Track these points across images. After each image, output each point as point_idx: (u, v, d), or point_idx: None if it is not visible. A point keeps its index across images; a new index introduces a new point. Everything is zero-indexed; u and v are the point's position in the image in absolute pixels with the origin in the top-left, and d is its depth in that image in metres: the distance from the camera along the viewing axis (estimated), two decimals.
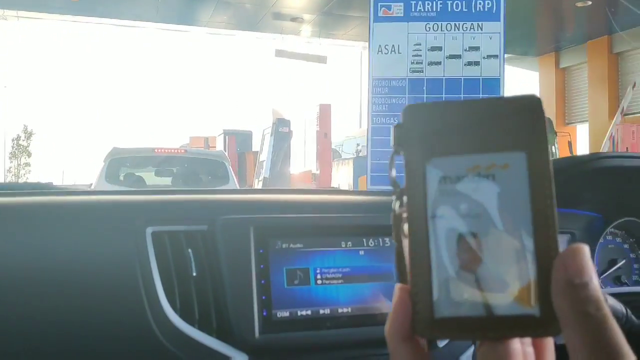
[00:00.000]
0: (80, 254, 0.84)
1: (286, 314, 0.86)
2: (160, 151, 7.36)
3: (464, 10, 5.45)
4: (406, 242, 0.38)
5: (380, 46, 5.55)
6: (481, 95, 5.45)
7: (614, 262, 1.21)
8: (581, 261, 0.34)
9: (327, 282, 0.89)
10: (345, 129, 17.38)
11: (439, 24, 5.49)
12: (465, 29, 5.47)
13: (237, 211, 0.92)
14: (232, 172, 7.53)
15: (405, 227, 0.39)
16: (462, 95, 5.46)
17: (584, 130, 14.66)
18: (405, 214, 0.39)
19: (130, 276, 0.83)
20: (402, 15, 5.49)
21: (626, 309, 0.76)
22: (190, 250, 0.87)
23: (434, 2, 5.48)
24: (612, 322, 0.32)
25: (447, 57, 5.50)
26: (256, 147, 14.04)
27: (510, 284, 0.35)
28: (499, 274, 0.35)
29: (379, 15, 5.53)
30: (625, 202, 1.17)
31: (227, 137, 13.94)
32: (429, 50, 5.51)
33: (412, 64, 5.52)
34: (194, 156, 7.73)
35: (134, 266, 0.84)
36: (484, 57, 5.46)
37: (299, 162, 12.90)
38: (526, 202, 0.36)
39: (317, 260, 0.90)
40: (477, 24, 5.45)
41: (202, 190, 1.42)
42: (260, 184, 10.23)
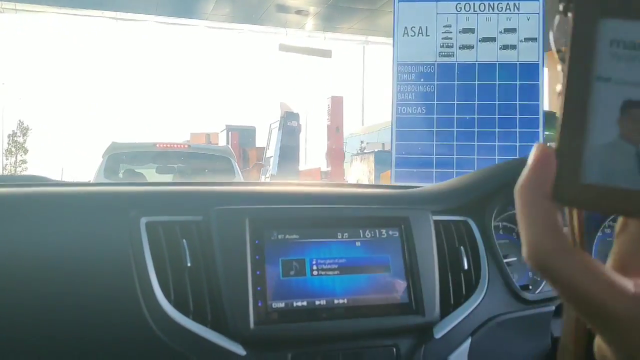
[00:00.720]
0: (73, 244, 0.84)
1: (282, 305, 0.84)
2: (162, 146, 6.74)
3: None
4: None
5: (406, 28, 4.93)
6: (518, 82, 4.83)
7: None
8: None
9: (323, 273, 0.88)
10: (348, 126, 16.70)
11: (471, 3, 4.87)
12: (500, 9, 4.85)
13: (232, 202, 0.91)
14: (237, 168, 6.92)
15: (558, 87, 0.34)
16: (497, 82, 4.83)
17: None
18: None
19: (124, 266, 0.82)
20: None
21: None
22: (184, 240, 0.85)
23: None
24: None
25: (480, 40, 4.88)
26: (260, 144, 13.39)
27: None
28: None
29: None
30: None
31: (230, 133, 13.29)
32: (460, 32, 4.89)
33: (442, 47, 4.90)
34: (197, 151, 7.10)
35: (128, 256, 0.83)
36: (521, 40, 4.84)
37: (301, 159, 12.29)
38: None
39: (313, 251, 0.89)
40: (514, 4, 4.83)
41: (197, 182, 1.34)
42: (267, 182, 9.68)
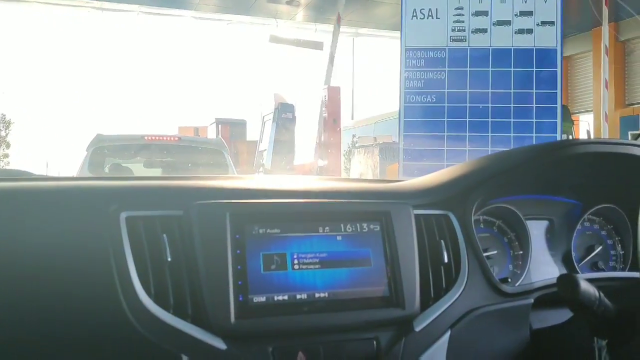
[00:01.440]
0: (52, 240, 0.83)
1: (262, 299, 0.83)
2: (150, 139, 6.26)
3: None
4: None
5: (415, 10, 4.52)
6: (534, 69, 4.45)
7: (591, 248, 1.18)
8: None
9: (304, 267, 0.87)
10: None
11: None
12: None
13: (213, 196, 0.89)
14: (231, 162, 6.46)
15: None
16: (513, 68, 4.45)
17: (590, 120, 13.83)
18: None
19: (103, 262, 0.81)
20: None
21: (599, 293, 0.75)
22: (165, 235, 0.84)
23: None
24: None
25: (494, 24, 4.50)
26: (251, 137, 12.91)
27: None
28: None
29: None
30: (603, 188, 1.13)
31: (219, 127, 12.83)
32: (472, 15, 4.50)
33: (453, 31, 4.51)
34: (188, 144, 6.62)
35: (107, 251, 0.82)
36: (537, 24, 4.46)
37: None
38: None
39: (294, 245, 0.88)
40: None
41: (177, 176, 1.26)
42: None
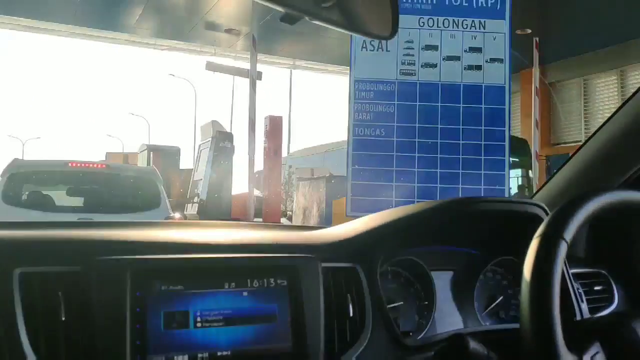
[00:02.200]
0: None
1: (162, 358, 0.80)
2: (75, 165, 5.72)
3: (464, 4, 4.39)
4: None
5: (364, 42, 4.36)
6: (483, 105, 4.37)
7: (493, 298, 1.21)
8: None
9: (207, 324, 0.84)
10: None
11: (435, 18, 4.39)
12: (465, 27, 4.40)
13: (115, 251, 0.85)
14: (164, 193, 5.99)
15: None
16: (462, 104, 4.35)
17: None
18: None
19: None
20: None
21: (488, 350, 0.78)
22: (60, 293, 0.80)
23: None
24: None
25: (444, 59, 4.40)
26: (184, 165, 12.39)
27: None
28: None
29: None
30: (503, 241, 1.17)
31: (151, 154, 12.18)
32: (422, 49, 4.39)
33: (403, 64, 4.37)
34: (117, 172, 6.09)
35: None
36: (486, 60, 4.40)
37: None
38: None
39: (197, 302, 0.85)
40: (479, 22, 4.40)
41: (80, 224, 1.21)
42: (194, 208, 8.67)
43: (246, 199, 7.06)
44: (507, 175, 4.36)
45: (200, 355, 0.83)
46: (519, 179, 9.69)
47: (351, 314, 0.95)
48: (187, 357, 0.82)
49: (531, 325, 0.71)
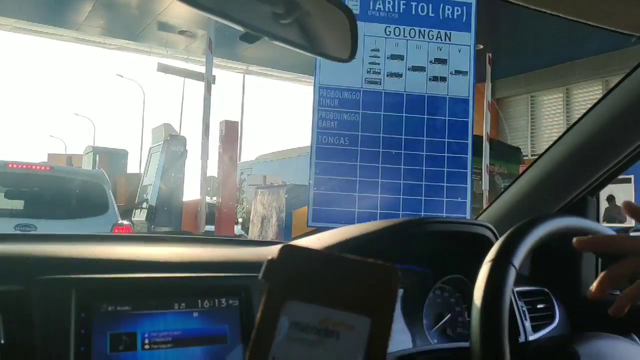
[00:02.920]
0: None
1: None
2: (15, 166, 5.32)
3: (431, 15, 4.33)
4: None
5: None
6: (447, 117, 4.32)
7: (441, 315, 1.24)
8: None
9: (156, 346, 0.82)
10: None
11: (401, 28, 4.32)
12: (431, 37, 4.34)
13: (59, 270, 0.82)
14: (112, 198, 5.67)
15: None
16: (426, 115, 4.28)
17: None
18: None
19: None
20: (357, 12, 4.22)
21: None
22: (0, 314, 0.75)
23: (396, 1, 4.29)
24: None
25: (409, 69, 4.33)
26: (133, 169, 11.91)
27: None
28: None
29: None
30: (452, 260, 1.20)
31: (97, 156, 11.62)
32: (388, 58, 4.31)
33: (369, 73, 4.27)
34: (62, 175, 5.71)
35: None
36: (451, 73, 4.36)
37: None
38: None
39: (145, 323, 0.82)
40: (445, 33, 4.35)
41: (23, 236, 1.12)
42: (143, 214, 8.28)
43: (196, 206, 6.78)
44: (470, 187, 4.32)
45: None
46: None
47: None
48: None
49: (481, 347, 0.73)
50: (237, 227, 8.73)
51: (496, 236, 1.14)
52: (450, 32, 4.36)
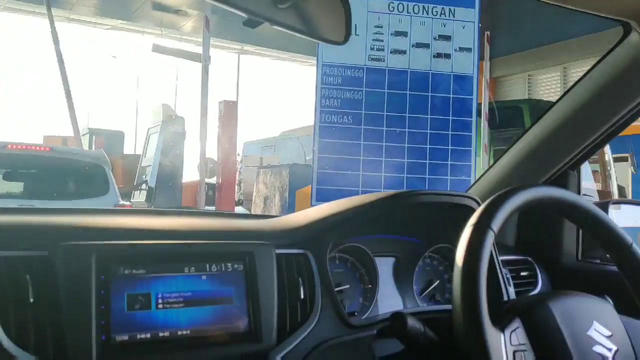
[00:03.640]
0: None
1: (125, 337, 0.86)
2: (14, 147, 5.26)
3: None
4: None
5: None
6: (451, 95, 4.28)
7: (430, 282, 1.31)
8: None
9: (169, 306, 0.90)
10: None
11: (405, 4, 4.27)
12: (435, 14, 4.30)
13: (79, 237, 0.90)
14: (113, 179, 5.62)
15: None
16: (430, 93, 4.25)
17: None
18: None
19: None
20: None
21: (424, 327, 0.86)
22: (28, 276, 0.84)
23: None
24: None
25: (413, 46, 4.29)
26: (128, 150, 11.81)
27: None
28: None
29: None
30: (441, 230, 1.26)
31: (94, 138, 11.51)
32: (392, 35, 4.25)
33: (372, 50, 4.23)
34: (62, 156, 5.65)
35: None
36: (455, 50, 4.32)
37: None
38: None
39: (159, 285, 0.90)
40: (449, 9, 4.31)
41: (44, 210, 1.17)
42: (142, 196, 8.23)
43: (196, 187, 6.72)
44: (474, 165, 4.30)
45: (161, 334, 0.88)
46: None
47: (302, 296, 1.03)
48: (149, 335, 0.87)
49: (461, 303, 0.78)
50: (239, 208, 8.67)
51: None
52: (454, 8, 4.31)
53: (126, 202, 5.88)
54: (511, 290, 1.23)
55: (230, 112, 7.16)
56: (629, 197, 7.01)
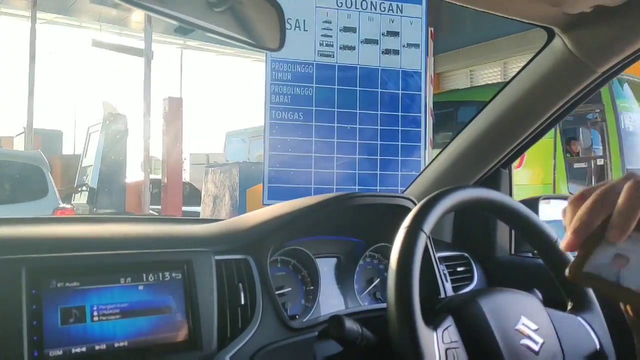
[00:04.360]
0: None
1: (59, 352, 0.84)
2: None
3: None
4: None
5: None
6: (400, 91, 4.29)
7: (371, 280, 1.34)
8: None
9: (104, 318, 0.88)
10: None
11: None
12: (382, 9, 4.30)
13: (8, 250, 0.87)
14: (52, 181, 5.35)
15: None
16: (380, 89, 4.25)
17: None
18: None
19: None
20: None
21: (361, 328, 0.88)
22: None
23: None
24: None
25: (362, 42, 4.29)
26: (67, 150, 11.33)
27: None
28: None
29: None
30: (380, 230, 1.29)
31: (31, 138, 10.93)
32: (341, 30, 4.23)
33: (321, 45, 4.19)
34: None
35: None
36: (404, 46, 4.33)
37: None
38: None
39: (94, 297, 0.89)
40: (397, 5, 4.32)
41: None
42: (84, 197, 7.88)
43: (140, 187, 6.48)
44: (424, 160, 4.32)
45: (97, 347, 0.87)
46: None
47: (243, 302, 1.02)
48: (85, 349, 0.86)
49: (394, 304, 0.81)
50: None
51: None
52: (401, 5, 4.33)
53: (67, 205, 5.63)
54: (448, 286, 1.27)
55: (175, 109, 6.95)
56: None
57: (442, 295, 1.20)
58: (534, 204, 1.46)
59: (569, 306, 0.99)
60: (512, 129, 1.38)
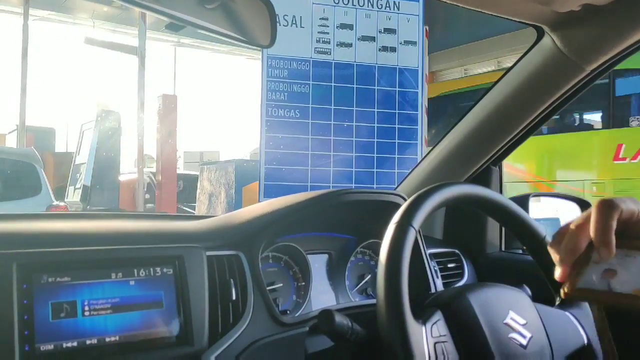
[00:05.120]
0: None
1: (50, 347, 0.84)
2: None
3: None
4: None
5: (277, 15, 4.02)
6: (397, 88, 4.26)
7: (362, 277, 1.35)
8: None
9: (96, 313, 0.89)
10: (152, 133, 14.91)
11: None
12: (380, 7, 4.29)
13: (0, 245, 0.88)
14: (45, 178, 5.30)
15: None
16: (376, 86, 4.22)
17: None
18: None
19: None
20: None
21: (352, 322, 0.87)
22: None
23: None
24: None
25: (359, 39, 4.26)
26: (60, 148, 11.23)
27: None
28: None
29: None
30: (371, 227, 1.30)
31: (24, 135, 10.83)
32: (337, 27, 4.21)
33: (318, 42, 4.16)
34: None
35: None
36: (401, 43, 4.31)
37: None
38: None
39: (85, 292, 0.89)
40: (394, 2, 4.32)
41: None
42: (77, 195, 7.81)
43: (133, 184, 6.43)
44: (420, 158, 4.29)
45: (88, 341, 0.87)
46: None
47: (234, 297, 1.02)
48: (76, 343, 0.86)
49: (384, 299, 0.81)
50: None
51: None
52: (399, 2, 4.33)
53: (60, 203, 5.57)
54: (439, 282, 1.28)
55: (169, 106, 6.89)
56: None
57: (433, 291, 1.20)
58: (524, 201, 1.48)
59: (557, 301, 1.00)
60: (502, 127, 1.40)
